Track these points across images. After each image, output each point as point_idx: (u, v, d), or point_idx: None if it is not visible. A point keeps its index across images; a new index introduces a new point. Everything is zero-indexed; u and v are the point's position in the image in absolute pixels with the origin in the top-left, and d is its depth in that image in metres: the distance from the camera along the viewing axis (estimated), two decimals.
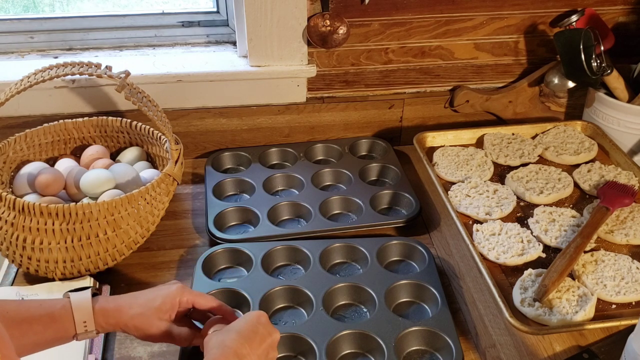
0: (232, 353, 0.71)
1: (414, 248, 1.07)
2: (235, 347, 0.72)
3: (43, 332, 0.74)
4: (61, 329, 0.76)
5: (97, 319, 0.78)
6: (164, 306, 0.80)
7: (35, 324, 0.74)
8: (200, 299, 0.83)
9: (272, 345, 0.77)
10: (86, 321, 0.77)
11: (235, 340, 0.73)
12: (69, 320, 0.76)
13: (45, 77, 1.03)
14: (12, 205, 0.99)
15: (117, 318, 0.79)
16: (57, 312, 0.76)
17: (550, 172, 1.20)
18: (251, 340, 0.74)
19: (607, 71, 1.22)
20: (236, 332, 0.75)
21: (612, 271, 0.96)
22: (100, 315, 0.78)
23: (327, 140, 1.38)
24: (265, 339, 0.76)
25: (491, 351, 0.90)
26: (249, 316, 0.78)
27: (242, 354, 0.72)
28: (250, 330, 0.75)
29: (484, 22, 1.31)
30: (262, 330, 0.76)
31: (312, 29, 1.24)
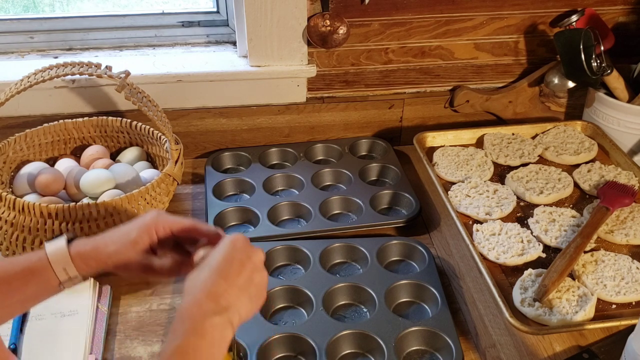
0: (204, 297, 0.64)
1: (414, 248, 1.07)
2: (208, 287, 0.65)
3: (24, 287, 0.71)
4: (43, 280, 0.72)
5: (77, 264, 0.72)
6: (140, 238, 0.74)
7: (14, 281, 0.70)
8: (178, 224, 0.76)
9: (254, 269, 0.69)
10: (66, 267, 0.72)
11: (208, 280, 0.66)
12: (49, 270, 0.71)
13: (45, 77, 1.03)
14: (12, 205, 0.99)
15: (95, 259, 0.73)
16: (35, 265, 0.71)
17: (550, 172, 1.20)
18: (227, 273, 0.67)
19: (607, 71, 1.22)
20: (209, 268, 0.67)
21: (612, 271, 0.96)
22: (79, 259, 0.73)
23: (327, 140, 1.38)
24: (244, 265, 0.68)
25: (491, 351, 0.90)
26: (222, 245, 0.70)
27: (217, 292, 0.65)
28: (225, 262, 0.67)
29: (484, 22, 1.31)
30: (239, 256, 0.68)
31: (312, 29, 1.24)
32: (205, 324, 0.63)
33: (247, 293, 0.67)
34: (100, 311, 0.96)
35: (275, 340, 0.90)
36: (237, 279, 0.67)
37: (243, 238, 0.71)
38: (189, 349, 0.61)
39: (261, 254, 0.71)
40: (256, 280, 0.69)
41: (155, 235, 0.75)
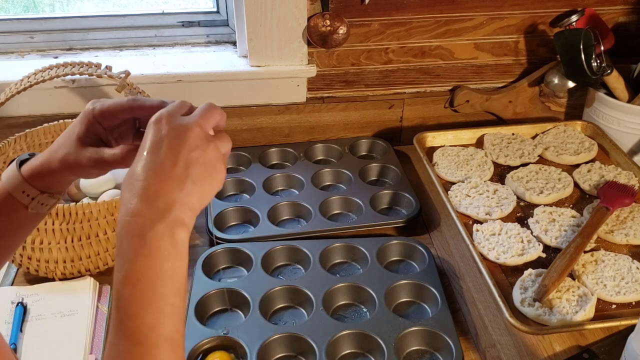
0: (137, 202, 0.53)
1: (414, 248, 1.07)
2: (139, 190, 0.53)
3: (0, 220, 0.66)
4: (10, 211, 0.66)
5: (34, 182, 0.66)
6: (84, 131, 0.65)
7: None
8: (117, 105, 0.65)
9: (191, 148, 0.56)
10: (24, 189, 0.65)
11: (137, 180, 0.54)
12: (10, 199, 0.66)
13: (45, 77, 1.03)
14: None
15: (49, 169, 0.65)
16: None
17: (550, 172, 1.20)
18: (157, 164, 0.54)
19: (607, 71, 1.22)
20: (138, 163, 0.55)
21: (612, 271, 0.96)
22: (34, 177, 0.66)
23: (327, 140, 1.38)
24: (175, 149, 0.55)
25: (491, 351, 0.90)
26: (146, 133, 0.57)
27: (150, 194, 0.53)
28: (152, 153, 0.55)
29: (484, 22, 1.31)
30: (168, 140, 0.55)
31: (312, 29, 1.24)
32: (147, 238, 0.52)
33: (190, 180, 0.55)
34: (100, 311, 0.96)
35: (275, 340, 0.90)
36: (173, 170, 0.54)
37: (167, 115, 0.57)
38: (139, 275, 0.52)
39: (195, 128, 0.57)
40: (198, 160, 0.56)
41: (99, 125, 0.65)
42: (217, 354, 0.87)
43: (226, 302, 0.98)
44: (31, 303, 0.96)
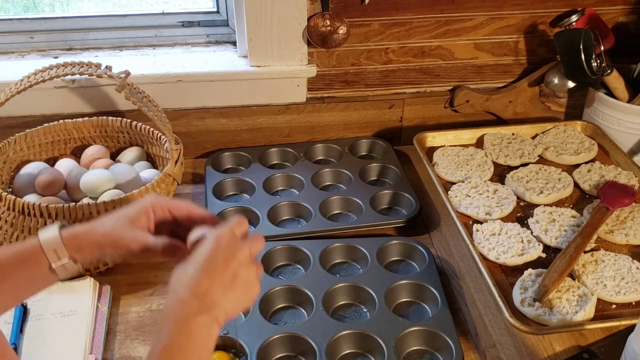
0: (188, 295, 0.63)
1: (414, 248, 1.07)
2: (192, 286, 0.64)
3: (15, 273, 0.69)
4: (33, 264, 0.70)
5: (69, 245, 0.70)
6: (137, 215, 0.73)
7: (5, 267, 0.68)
8: (175, 203, 0.75)
9: (240, 265, 0.67)
10: (56, 249, 0.70)
11: (192, 277, 0.65)
12: (39, 254, 0.69)
13: (45, 77, 1.03)
14: (12, 205, 0.99)
15: (89, 239, 0.71)
16: (27, 250, 0.70)
17: (550, 172, 1.20)
18: (211, 270, 0.65)
19: (607, 71, 1.22)
20: (193, 266, 0.66)
21: (612, 271, 0.96)
22: (71, 240, 0.70)
23: (327, 140, 1.38)
24: (228, 262, 0.66)
25: (491, 351, 0.90)
26: (207, 240, 0.68)
27: (200, 291, 0.64)
28: (209, 259, 0.66)
29: (484, 22, 1.31)
30: (224, 253, 0.66)
31: (312, 29, 1.24)
32: (190, 323, 0.62)
33: (233, 290, 0.66)
34: (100, 311, 0.96)
35: (275, 340, 0.90)
36: (222, 277, 0.65)
37: (229, 233, 0.68)
38: (175, 349, 0.61)
39: (246, 250, 0.68)
40: (242, 277, 0.67)
41: (153, 215, 0.74)
42: (216, 354, 0.87)
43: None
44: (31, 303, 0.96)
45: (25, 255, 0.70)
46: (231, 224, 0.70)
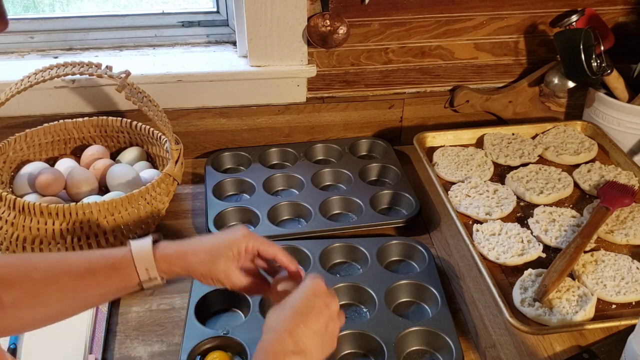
0: (287, 335, 0.68)
1: (414, 248, 1.07)
2: (290, 328, 0.69)
3: (106, 282, 0.73)
4: (124, 277, 0.74)
5: (160, 266, 0.75)
6: (230, 252, 0.77)
7: (97, 275, 0.73)
8: (266, 246, 0.80)
9: (331, 318, 0.73)
10: (148, 268, 0.74)
11: (290, 321, 0.70)
12: (131, 269, 0.74)
13: (46, 77, 1.03)
14: (12, 205, 0.99)
15: (180, 265, 0.77)
16: (119, 262, 0.74)
17: (550, 172, 1.20)
18: (307, 316, 0.70)
19: (607, 71, 1.22)
20: (291, 309, 0.71)
21: (612, 271, 0.96)
22: (163, 261, 0.75)
23: (327, 140, 1.38)
24: (322, 312, 0.72)
25: (491, 351, 0.90)
26: (305, 288, 0.73)
27: (297, 334, 0.69)
28: (306, 306, 0.71)
29: (484, 22, 1.31)
30: (320, 303, 0.72)
31: (312, 29, 1.24)
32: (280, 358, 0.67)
33: (321, 340, 0.71)
34: (100, 311, 0.96)
35: None
36: (315, 325, 0.70)
37: (323, 285, 0.74)
38: None
39: (337, 303, 0.75)
40: (330, 329, 0.73)
41: (244, 253, 0.79)
42: (216, 354, 0.87)
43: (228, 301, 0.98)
44: None
45: (117, 267, 0.74)
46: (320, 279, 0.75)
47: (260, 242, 0.80)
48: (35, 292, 0.70)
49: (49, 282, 0.70)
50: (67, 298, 0.72)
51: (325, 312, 0.72)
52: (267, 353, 0.68)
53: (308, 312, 0.71)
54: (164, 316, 0.97)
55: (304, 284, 0.74)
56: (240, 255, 0.78)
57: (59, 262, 0.73)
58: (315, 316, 0.71)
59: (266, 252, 0.80)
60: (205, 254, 0.77)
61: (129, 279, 0.74)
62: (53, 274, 0.71)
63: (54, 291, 0.71)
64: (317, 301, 0.72)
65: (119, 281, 0.74)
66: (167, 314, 0.98)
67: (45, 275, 0.71)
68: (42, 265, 0.72)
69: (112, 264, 0.74)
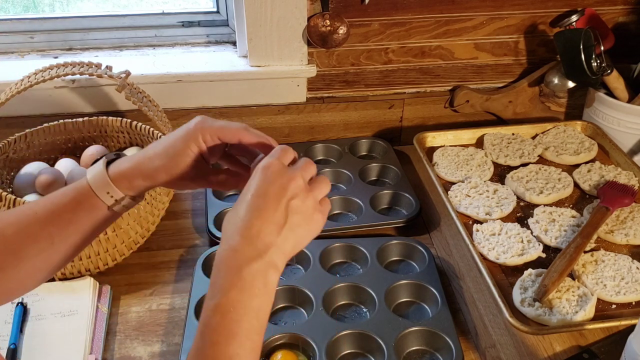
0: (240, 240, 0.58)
1: (414, 248, 1.07)
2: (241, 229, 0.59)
3: (75, 218, 0.68)
4: (91, 208, 0.68)
5: (120, 185, 0.68)
6: (187, 148, 0.68)
7: (64, 213, 0.68)
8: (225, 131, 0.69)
9: (294, 195, 0.61)
10: (109, 191, 0.68)
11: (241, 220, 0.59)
12: (93, 196, 0.68)
13: (46, 77, 1.03)
14: (12, 205, 0.99)
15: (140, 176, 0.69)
16: (79, 194, 0.69)
17: (550, 172, 1.20)
18: (262, 208, 0.60)
19: (607, 71, 1.22)
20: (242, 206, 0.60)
21: (612, 271, 0.96)
22: (121, 179, 0.68)
23: (327, 140, 1.38)
24: (279, 197, 0.60)
25: (491, 351, 0.90)
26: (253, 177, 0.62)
27: (251, 234, 0.59)
28: (258, 197, 0.60)
29: (484, 22, 1.31)
30: (273, 188, 0.61)
31: (312, 29, 1.24)
32: (243, 274, 0.57)
33: (288, 226, 0.60)
34: (100, 311, 0.96)
35: (275, 340, 0.90)
36: (274, 214, 0.60)
37: (277, 165, 0.62)
38: (230, 306, 0.56)
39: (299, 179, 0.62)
40: (298, 209, 0.61)
41: (204, 144, 0.69)
42: None
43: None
44: (31, 303, 0.96)
45: (79, 199, 0.69)
46: (277, 154, 0.64)
47: (218, 127, 0.69)
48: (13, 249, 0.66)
49: (22, 236, 0.66)
50: (46, 246, 0.67)
51: (283, 196, 0.60)
52: (220, 268, 0.59)
53: (262, 203, 0.60)
54: (164, 316, 0.97)
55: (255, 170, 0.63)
56: (199, 147, 0.68)
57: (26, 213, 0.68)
58: (272, 204, 0.60)
59: (228, 136, 0.69)
60: (161, 158, 0.68)
61: (96, 207, 0.69)
62: (24, 225, 0.67)
63: (30, 243, 0.66)
64: (271, 187, 0.61)
65: (88, 213, 0.69)
66: (167, 314, 0.98)
67: (18, 229, 0.67)
68: (12, 220, 0.68)
69: (74, 198, 0.68)
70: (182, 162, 0.68)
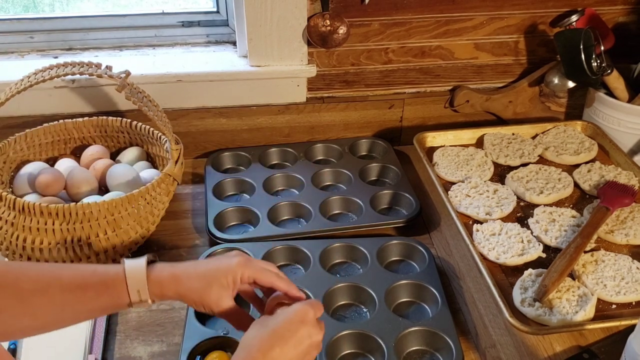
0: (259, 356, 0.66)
1: (414, 248, 1.07)
2: (265, 349, 0.67)
3: (96, 299, 0.71)
4: (115, 296, 0.72)
5: (152, 288, 0.73)
6: (225, 280, 0.74)
7: (88, 290, 0.71)
8: (262, 274, 0.77)
9: (311, 348, 0.71)
10: (140, 290, 0.72)
11: (266, 340, 0.68)
12: (122, 288, 0.72)
13: (45, 77, 1.03)
14: (12, 205, 0.99)
15: (173, 289, 0.74)
16: (111, 280, 0.72)
17: (550, 172, 1.20)
18: (286, 341, 0.68)
19: (607, 71, 1.22)
20: (271, 329, 0.69)
21: (612, 271, 0.96)
22: (155, 284, 0.73)
23: (327, 140, 1.38)
24: (302, 342, 0.70)
25: (491, 351, 0.90)
26: (292, 311, 0.71)
27: (270, 357, 0.67)
28: (288, 330, 0.69)
29: (484, 22, 1.31)
30: (303, 332, 0.70)
31: (312, 28, 1.24)
32: None
33: None
34: None
35: None
36: (292, 352, 0.68)
37: (313, 314, 0.72)
38: None
39: (321, 336, 0.72)
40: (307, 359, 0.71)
41: (239, 282, 0.76)
42: (215, 354, 0.87)
43: None
44: None
45: (109, 285, 0.72)
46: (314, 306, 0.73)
47: (257, 270, 0.77)
48: (23, 300, 0.68)
49: (38, 292, 0.69)
50: (55, 310, 0.70)
51: (306, 343, 0.70)
52: None
53: (288, 337, 0.69)
54: (164, 316, 0.97)
55: (294, 307, 0.72)
56: (235, 284, 0.76)
57: (51, 273, 0.71)
58: (294, 343, 0.69)
59: (263, 281, 0.77)
60: (200, 281, 0.74)
61: (119, 298, 0.72)
62: (43, 284, 0.69)
63: (42, 302, 0.69)
64: (302, 329, 0.70)
65: (109, 299, 0.72)
66: (167, 314, 0.98)
67: (36, 285, 0.69)
68: (32, 274, 0.70)
69: (104, 282, 0.72)
70: (214, 291, 0.74)
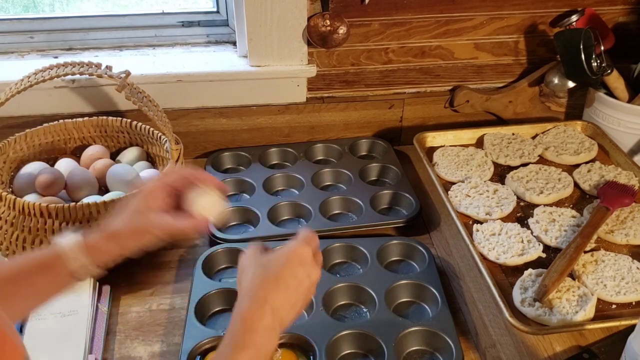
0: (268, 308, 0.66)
1: (414, 248, 1.07)
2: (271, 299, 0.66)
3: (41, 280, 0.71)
4: (56, 271, 0.72)
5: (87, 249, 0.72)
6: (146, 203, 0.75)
7: (31, 275, 0.71)
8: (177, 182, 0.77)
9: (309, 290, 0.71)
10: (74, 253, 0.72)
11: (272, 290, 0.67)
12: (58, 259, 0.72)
13: (45, 77, 1.03)
14: (12, 205, 0.99)
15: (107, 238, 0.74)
16: (48, 257, 0.72)
17: (550, 172, 1.20)
18: (289, 288, 0.68)
19: (607, 71, 1.22)
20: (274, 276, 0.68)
21: (612, 271, 0.96)
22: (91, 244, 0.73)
23: (327, 140, 1.38)
24: (303, 284, 0.69)
25: (491, 351, 0.90)
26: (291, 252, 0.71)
27: (277, 308, 0.66)
28: (289, 275, 0.69)
29: (484, 22, 1.31)
30: (302, 273, 0.69)
31: (312, 28, 1.24)
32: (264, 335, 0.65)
33: (295, 312, 0.70)
34: (100, 311, 0.96)
35: None
36: (294, 297, 0.69)
37: (309, 253, 0.71)
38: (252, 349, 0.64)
39: (319, 272, 0.72)
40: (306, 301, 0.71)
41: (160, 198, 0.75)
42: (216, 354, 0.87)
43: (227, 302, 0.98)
44: None
45: (48, 262, 0.72)
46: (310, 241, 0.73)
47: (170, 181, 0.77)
48: None
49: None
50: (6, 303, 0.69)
51: (305, 284, 0.70)
52: (245, 321, 0.65)
53: (291, 283, 0.68)
54: (164, 316, 0.97)
55: (290, 246, 0.71)
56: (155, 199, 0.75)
57: None
58: (295, 288, 0.69)
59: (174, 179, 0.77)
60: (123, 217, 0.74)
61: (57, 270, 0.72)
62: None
63: None
64: (301, 271, 0.70)
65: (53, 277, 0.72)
66: (167, 314, 0.98)
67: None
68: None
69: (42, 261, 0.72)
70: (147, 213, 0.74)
